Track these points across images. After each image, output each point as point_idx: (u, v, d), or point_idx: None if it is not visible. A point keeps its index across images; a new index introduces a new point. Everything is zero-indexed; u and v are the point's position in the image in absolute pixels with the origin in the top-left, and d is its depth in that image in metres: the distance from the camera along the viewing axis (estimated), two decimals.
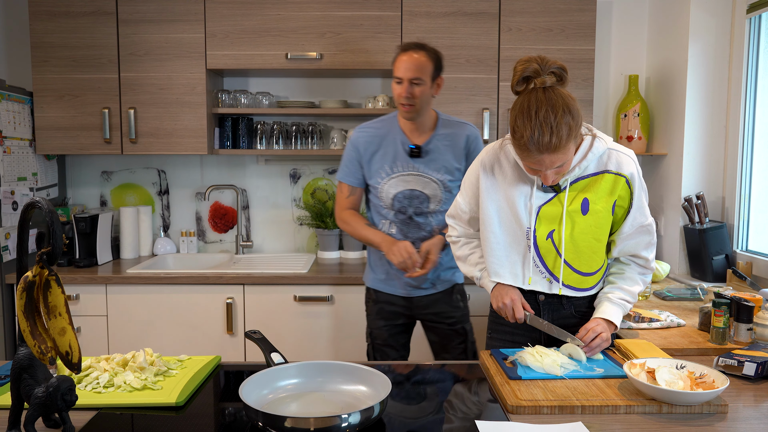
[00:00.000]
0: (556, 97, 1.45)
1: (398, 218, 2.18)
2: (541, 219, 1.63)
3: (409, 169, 2.16)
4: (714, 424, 1.24)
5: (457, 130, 2.19)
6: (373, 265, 2.29)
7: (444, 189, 2.17)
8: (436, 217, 2.19)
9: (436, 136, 2.16)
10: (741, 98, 2.71)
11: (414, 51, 2.08)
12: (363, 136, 2.21)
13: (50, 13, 2.87)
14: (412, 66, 2.05)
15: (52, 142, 2.93)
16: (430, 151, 2.15)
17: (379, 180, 2.17)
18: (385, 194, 2.17)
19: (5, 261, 2.73)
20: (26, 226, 1.14)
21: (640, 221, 1.63)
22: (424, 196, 2.16)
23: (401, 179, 2.15)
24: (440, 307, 2.24)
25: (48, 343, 1.09)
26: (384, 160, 2.17)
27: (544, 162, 1.47)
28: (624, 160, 1.61)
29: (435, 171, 2.15)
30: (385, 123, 2.22)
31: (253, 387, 1.28)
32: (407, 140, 2.16)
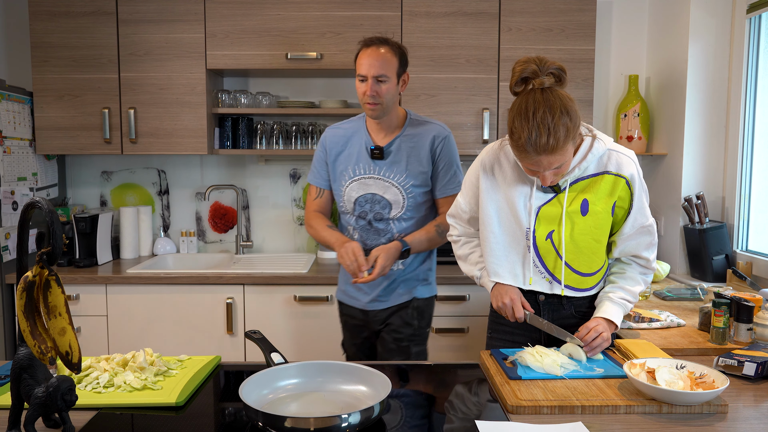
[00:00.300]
0: (554, 98, 1.45)
1: (359, 224, 2.07)
2: (541, 219, 1.63)
3: (370, 171, 2.03)
4: (714, 424, 1.24)
5: (423, 131, 2.04)
6: (340, 276, 2.21)
7: (406, 194, 2.02)
8: (398, 223, 2.05)
9: (401, 137, 2.03)
10: (741, 98, 2.71)
11: (378, 46, 1.94)
12: (330, 135, 2.12)
13: (50, 13, 2.87)
14: (376, 62, 1.92)
15: (52, 142, 2.93)
16: (392, 153, 2.02)
17: (342, 183, 2.06)
18: (347, 198, 2.06)
19: (5, 261, 2.73)
20: (26, 226, 1.13)
21: (640, 222, 1.63)
22: (385, 202, 2.03)
23: (362, 182, 2.03)
24: (394, 320, 2.09)
25: (48, 343, 1.09)
26: (348, 161, 2.06)
27: (542, 163, 1.47)
28: (624, 161, 1.60)
29: (397, 175, 2.01)
30: (354, 123, 2.11)
31: (253, 387, 1.28)
32: (370, 141, 2.04)
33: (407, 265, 2.08)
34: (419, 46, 2.90)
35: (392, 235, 2.05)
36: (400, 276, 2.08)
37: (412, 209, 2.04)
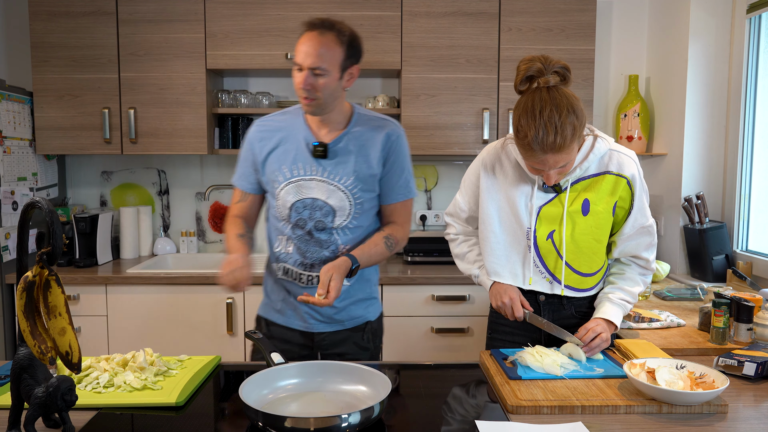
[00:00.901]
0: (560, 97, 1.45)
1: (296, 234, 1.74)
2: (542, 219, 1.63)
3: (312, 172, 1.72)
4: (714, 424, 1.24)
5: (375, 128, 1.76)
6: (268, 290, 1.87)
7: (354, 200, 1.72)
8: (343, 234, 1.74)
9: (349, 135, 1.74)
10: (741, 98, 2.71)
11: (321, 31, 1.64)
12: (259, 130, 1.80)
13: (50, 13, 2.87)
14: (314, 51, 1.62)
15: (52, 142, 2.93)
16: (339, 152, 1.72)
17: (276, 185, 1.74)
18: (282, 203, 1.74)
19: (5, 261, 2.73)
20: (26, 226, 1.13)
21: (641, 222, 1.63)
22: (328, 208, 1.72)
23: (301, 185, 1.72)
24: (346, 347, 1.82)
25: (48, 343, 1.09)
26: (282, 160, 1.74)
27: (548, 162, 1.47)
28: (625, 161, 1.60)
29: (344, 177, 1.71)
30: (288, 115, 1.81)
31: (253, 387, 1.28)
32: (311, 137, 1.74)
33: (356, 282, 1.80)
34: (419, 46, 2.90)
35: (336, 248, 1.74)
36: (351, 294, 1.79)
37: (358, 217, 1.75)
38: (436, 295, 2.74)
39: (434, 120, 2.94)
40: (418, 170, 3.35)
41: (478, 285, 1.80)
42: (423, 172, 3.35)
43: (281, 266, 1.79)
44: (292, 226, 1.75)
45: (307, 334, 1.80)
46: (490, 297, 1.73)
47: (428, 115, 2.94)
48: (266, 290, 1.87)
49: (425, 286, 2.75)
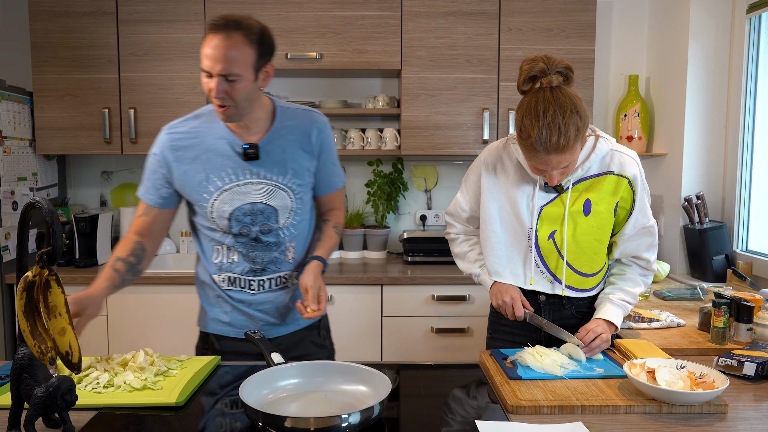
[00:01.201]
0: (563, 97, 1.44)
1: (239, 242, 1.66)
2: (543, 219, 1.63)
3: (247, 175, 1.62)
4: (714, 424, 1.24)
5: (303, 120, 1.68)
6: (210, 302, 1.74)
7: (294, 197, 1.67)
8: (289, 232, 1.69)
9: (277, 130, 1.64)
10: (741, 98, 2.71)
11: (226, 33, 1.49)
12: (173, 138, 1.64)
13: (50, 13, 2.87)
14: (222, 56, 1.48)
15: (52, 142, 2.93)
16: (271, 151, 1.63)
17: (207, 196, 1.62)
18: (218, 214, 1.63)
19: (5, 261, 2.73)
20: (26, 226, 1.13)
21: (642, 222, 1.63)
22: (270, 210, 1.65)
23: (236, 192, 1.62)
24: (304, 348, 1.77)
25: (48, 343, 1.09)
26: (208, 169, 1.61)
27: (551, 162, 1.46)
28: (627, 162, 1.61)
29: (281, 175, 1.64)
30: (203, 119, 1.66)
31: (253, 387, 1.28)
32: (237, 139, 1.62)
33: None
34: (419, 46, 2.90)
35: (284, 247, 1.69)
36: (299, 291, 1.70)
37: (300, 212, 1.70)
38: (436, 295, 2.74)
39: (434, 120, 2.94)
40: (418, 170, 3.35)
41: (478, 284, 1.80)
42: (423, 172, 3.35)
43: (225, 276, 1.69)
44: (234, 236, 1.66)
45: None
46: (490, 296, 1.72)
47: (428, 115, 2.94)
48: (206, 305, 1.76)
49: (425, 286, 2.75)
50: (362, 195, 3.35)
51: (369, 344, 2.76)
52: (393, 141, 3.06)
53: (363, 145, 3.10)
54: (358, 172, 3.35)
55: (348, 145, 3.11)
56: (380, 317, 2.76)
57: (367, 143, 3.10)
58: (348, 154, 3.09)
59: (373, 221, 3.33)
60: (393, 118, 3.25)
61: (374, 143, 3.09)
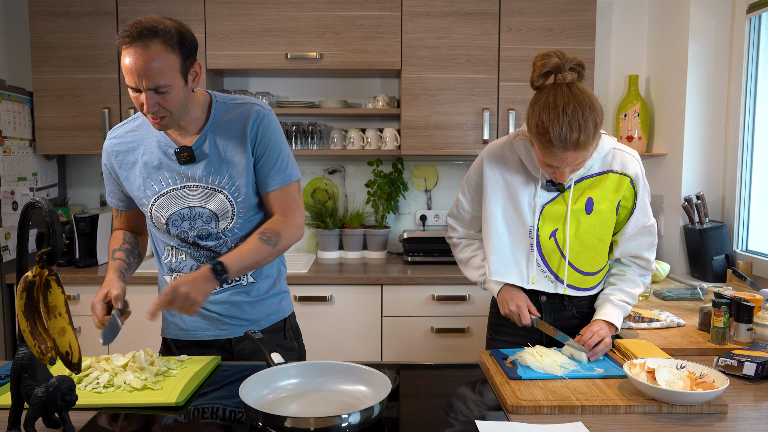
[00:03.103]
0: (581, 94, 1.43)
1: (183, 246, 1.61)
2: (545, 218, 1.62)
3: (181, 179, 1.56)
4: (714, 424, 1.24)
5: (237, 115, 1.58)
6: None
7: (234, 199, 1.58)
8: (232, 233, 1.61)
9: (211, 129, 1.57)
10: (741, 98, 2.71)
11: (143, 43, 1.40)
12: (113, 144, 1.61)
13: (50, 13, 2.87)
14: (146, 69, 1.40)
15: (52, 142, 2.93)
16: (205, 151, 1.56)
17: (146, 201, 1.59)
18: (157, 219, 1.59)
19: (5, 261, 2.73)
20: (26, 226, 1.13)
21: (643, 222, 1.64)
22: (209, 214, 1.58)
23: (173, 196, 1.57)
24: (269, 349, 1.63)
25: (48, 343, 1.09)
26: (145, 173, 1.58)
27: (567, 159, 1.45)
28: (629, 160, 1.61)
29: (217, 176, 1.56)
30: (137, 122, 1.63)
31: (253, 387, 1.28)
32: (170, 142, 1.56)
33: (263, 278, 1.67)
34: (419, 46, 2.90)
35: (229, 248, 1.62)
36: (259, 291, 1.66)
37: (244, 214, 1.61)
38: (436, 295, 2.74)
39: (434, 120, 2.94)
40: (418, 170, 3.35)
41: (483, 290, 1.79)
42: (423, 172, 3.35)
43: (177, 276, 1.63)
44: (175, 238, 1.61)
45: (224, 344, 1.66)
46: (498, 304, 1.71)
47: (428, 115, 2.94)
48: (164, 312, 1.67)
49: (425, 286, 2.75)
50: (362, 195, 3.35)
51: (369, 344, 2.76)
52: (393, 141, 3.06)
53: (363, 145, 3.10)
54: (358, 172, 3.35)
55: (348, 145, 3.11)
56: (380, 317, 2.76)
57: (367, 143, 3.10)
58: (348, 154, 3.09)
59: (373, 221, 3.33)
60: (393, 118, 3.25)
61: (374, 143, 3.09)
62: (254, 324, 1.67)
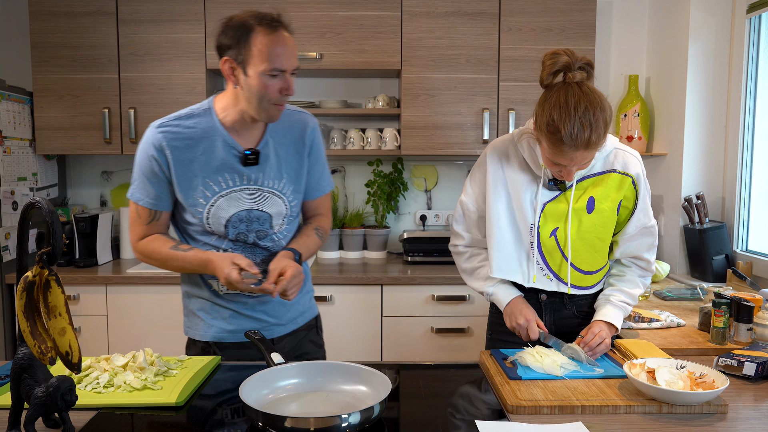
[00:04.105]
0: (591, 93, 1.43)
1: (237, 247, 1.62)
2: (546, 216, 1.63)
3: (243, 182, 1.58)
4: (714, 424, 1.24)
5: (292, 122, 1.64)
6: (207, 310, 1.68)
7: (289, 203, 1.64)
8: (283, 235, 1.66)
9: (272, 134, 1.61)
10: (741, 98, 2.71)
11: (283, 29, 1.49)
12: (167, 137, 1.55)
13: (50, 13, 2.87)
14: (293, 52, 1.49)
15: (52, 142, 2.93)
16: (268, 156, 1.59)
17: (203, 201, 1.57)
18: (215, 220, 1.58)
19: (5, 261, 2.73)
20: (26, 226, 1.13)
21: (644, 222, 1.64)
22: (265, 217, 1.61)
23: (233, 197, 1.57)
24: (304, 347, 1.75)
25: (48, 343, 1.09)
26: (205, 171, 1.55)
27: (576, 158, 1.45)
28: (630, 160, 1.61)
29: (275, 181, 1.60)
30: (197, 119, 1.58)
31: (253, 387, 1.28)
32: (235, 142, 1.56)
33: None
34: (419, 46, 2.90)
35: (281, 247, 1.66)
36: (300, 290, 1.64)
37: (294, 217, 1.69)
38: (436, 295, 2.74)
39: (434, 120, 2.94)
40: (418, 170, 3.35)
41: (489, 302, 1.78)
42: (423, 172, 3.35)
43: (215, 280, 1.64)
44: (229, 241, 1.61)
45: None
46: (504, 317, 1.69)
47: (428, 115, 2.94)
48: (199, 313, 1.68)
49: (425, 286, 2.75)
50: (362, 195, 3.35)
51: (369, 344, 2.76)
52: (393, 141, 3.06)
53: (363, 145, 3.10)
54: (358, 172, 3.35)
55: (348, 145, 3.11)
56: (380, 317, 2.76)
57: (367, 143, 3.10)
58: (348, 154, 3.09)
59: (373, 221, 3.33)
60: (393, 118, 3.25)
61: (374, 143, 3.09)
62: (292, 323, 1.72)
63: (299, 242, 1.66)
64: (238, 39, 1.46)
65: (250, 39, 1.45)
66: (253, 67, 1.46)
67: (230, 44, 1.47)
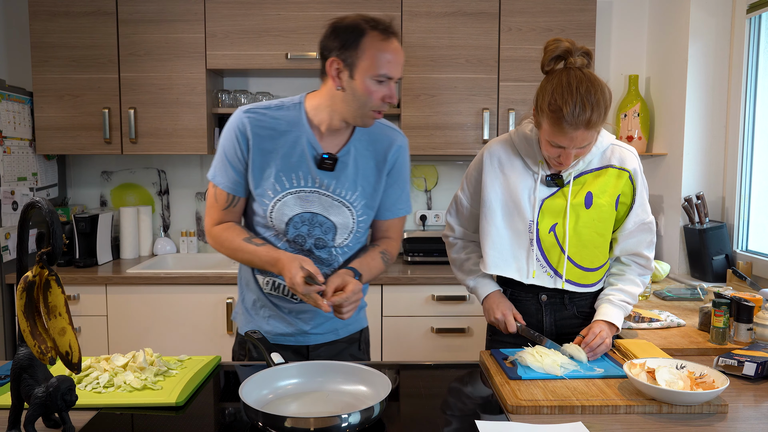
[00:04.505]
0: (593, 76, 1.48)
1: (291, 249, 1.57)
2: (544, 212, 1.63)
3: (313, 184, 1.54)
4: (714, 424, 1.24)
5: (379, 136, 1.60)
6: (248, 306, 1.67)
7: (357, 217, 1.58)
8: (342, 251, 1.60)
9: (355, 142, 1.57)
10: (741, 98, 2.71)
11: (395, 38, 1.48)
12: (255, 124, 1.52)
13: (50, 13, 2.87)
14: (401, 60, 1.48)
15: (52, 142, 2.93)
16: (347, 164, 1.55)
17: (271, 194, 1.53)
18: (278, 215, 1.54)
19: (5, 261, 2.73)
20: (26, 226, 1.13)
21: (642, 218, 1.65)
22: (329, 225, 1.56)
23: (301, 197, 1.54)
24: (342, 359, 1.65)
25: (48, 343, 1.09)
26: (282, 165, 1.52)
27: (576, 139, 1.48)
28: (627, 156, 1.63)
29: (348, 191, 1.55)
30: (286, 111, 1.56)
31: (253, 387, 1.28)
32: (317, 143, 1.53)
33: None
34: (419, 46, 2.90)
35: (335, 267, 1.61)
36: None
37: (359, 235, 1.62)
38: (436, 295, 2.74)
39: (434, 120, 2.94)
40: (418, 170, 3.35)
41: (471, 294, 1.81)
42: (423, 172, 3.35)
43: (270, 280, 1.61)
44: (287, 241, 1.57)
45: (301, 350, 1.66)
46: (483, 312, 1.74)
47: (428, 115, 2.94)
48: (245, 306, 1.68)
49: (425, 286, 2.75)
50: None
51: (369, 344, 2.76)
52: None
53: None
54: None
55: None
56: (380, 317, 2.76)
57: None
58: None
59: None
60: (393, 118, 3.25)
61: None
62: (332, 333, 1.67)
63: (362, 263, 1.58)
64: (348, 41, 1.44)
65: (361, 43, 1.44)
66: (361, 71, 1.44)
67: (339, 46, 1.45)
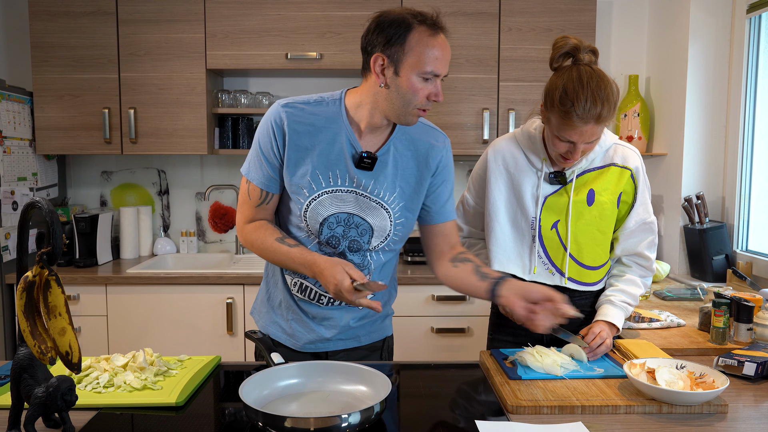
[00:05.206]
0: (601, 73, 1.51)
1: (323, 251, 1.49)
2: (547, 209, 1.65)
3: (350, 184, 1.46)
4: (714, 424, 1.24)
5: (420, 136, 1.51)
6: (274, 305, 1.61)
7: (395, 220, 1.50)
8: (377, 257, 1.53)
9: (395, 141, 1.48)
10: (741, 98, 2.71)
11: (443, 32, 1.39)
12: (293, 120, 1.44)
13: (50, 13, 2.87)
14: (448, 57, 1.39)
15: (52, 142, 2.93)
16: (386, 164, 1.47)
17: (307, 193, 1.45)
18: (312, 215, 1.46)
19: (5, 261, 2.73)
20: (26, 226, 1.13)
21: (643, 217, 1.66)
22: (366, 226, 1.48)
23: (336, 197, 1.46)
24: None
25: (48, 343, 1.09)
26: (319, 162, 1.44)
27: (585, 133, 1.49)
28: (629, 155, 1.65)
29: (387, 193, 1.47)
30: (326, 107, 1.47)
31: (253, 387, 1.28)
32: (356, 141, 1.45)
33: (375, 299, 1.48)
34: None
35: (369, 271, 1.53)
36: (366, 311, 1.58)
37: (395, 241, 1.53)
38: (436, 295, 2.74)
39: (434, 120, 2.94)
40: None
41: None
42: None
43: (298, 281, 1.54)
44: (319, 244, 1.49)
45: (320, 356, 1.59)
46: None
47: (428, 115, 2.93)
48: (271, 305, 1.61)
49: (425, 286, 2.75)
50: None
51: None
52: None
53: None
54: None
55: None
56: None
57: None
58: None
59: None
60: None
61: None
62: (354, 340, 1.61)
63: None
64: (393, 36, 1.35)
65: (408, 38, 1.35)
66: (407, 68, 1.36)
67: (384, 41, 1.36)
